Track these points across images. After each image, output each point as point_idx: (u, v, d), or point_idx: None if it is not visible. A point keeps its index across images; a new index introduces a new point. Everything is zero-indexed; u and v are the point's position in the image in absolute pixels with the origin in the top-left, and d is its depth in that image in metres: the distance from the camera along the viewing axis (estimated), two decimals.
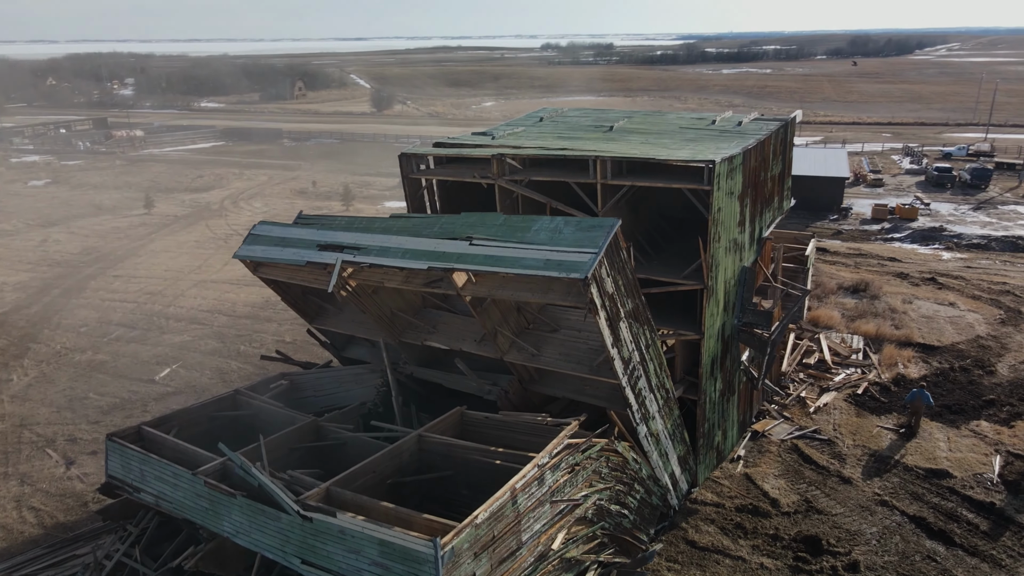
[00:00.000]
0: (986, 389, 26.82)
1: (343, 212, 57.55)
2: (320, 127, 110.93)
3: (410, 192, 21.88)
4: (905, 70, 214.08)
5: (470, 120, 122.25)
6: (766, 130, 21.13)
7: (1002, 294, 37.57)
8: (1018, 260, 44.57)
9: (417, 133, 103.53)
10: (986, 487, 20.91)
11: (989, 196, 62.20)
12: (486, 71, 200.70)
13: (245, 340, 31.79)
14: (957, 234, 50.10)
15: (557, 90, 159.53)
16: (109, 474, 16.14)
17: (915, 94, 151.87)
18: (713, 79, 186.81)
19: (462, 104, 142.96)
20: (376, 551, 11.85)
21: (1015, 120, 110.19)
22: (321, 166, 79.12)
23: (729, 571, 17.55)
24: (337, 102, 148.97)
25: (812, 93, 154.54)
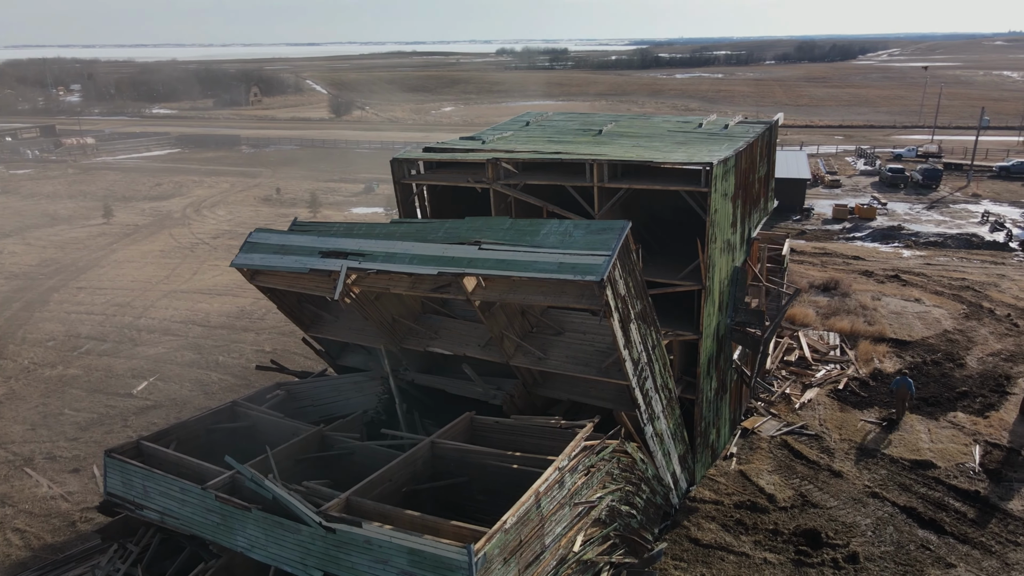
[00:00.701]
0: (958, 381, 27.76)
1: (311, 219, 56.78)
2: (279, 133, 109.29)
3: (402, 197, 21.70)
4: (851, 75, 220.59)
5: (430, 125, 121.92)
6: (753, 133, 21.56)
7: (963, 289, 38.96)
8: (973, 256, 46.27)
9: (379, 138, 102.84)
10: (969, 476, 21.63)
11: (941, 195, 64.47)
12: (443, 76, 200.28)
13: (223, 351, 31.10)
14: (915, 232, 51.79)
15: (516, 95, 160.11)
16: (108, 491, 15.61)
17: (862, 98, 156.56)
18: (668, 83, 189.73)
19: (421, 109, 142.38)
20: (405, 560, 11.70)
21: (957, 122, 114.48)
22: (283, 173, 77.95)
23: (734, 567, 17.80)
24: (294, 108, 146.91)
25: (765, 97, 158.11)
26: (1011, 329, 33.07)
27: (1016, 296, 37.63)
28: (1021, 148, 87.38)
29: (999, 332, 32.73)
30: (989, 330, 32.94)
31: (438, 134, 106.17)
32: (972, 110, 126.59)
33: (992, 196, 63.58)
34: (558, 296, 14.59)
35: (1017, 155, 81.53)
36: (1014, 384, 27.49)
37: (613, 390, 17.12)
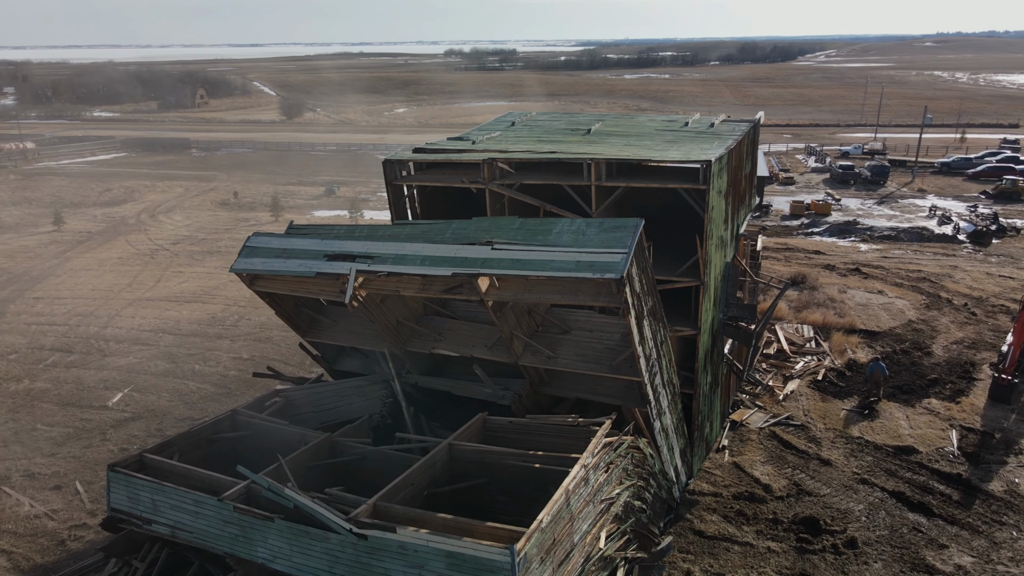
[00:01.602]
0: (927, 369, 28.84)
1: (272, 223, 55.72)
2: (229, 136, 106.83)
3: (394, 199, 21.50)
4: (792, 75, 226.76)
5: (385, 127, 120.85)
6: (739, 131, 22.03)
7: (920, 281, 40.49)
8: (926, 249, 48.13)
9: (333, 141, 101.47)
10: (949, 460, 22.49)
11: (889, 191, 66.83)
12: (393, 77, 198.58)
13: (198, 359, 30.27)
14: (869, 227, 53.57)
15: (468, 96, 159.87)
16: (112, 507, 15.06)
17: (806, 97, 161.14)
18: (619, 84, 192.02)
19: (374, 111, 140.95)
20: (443, 564, 11.61)
21: (897, 120, 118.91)
22: (238, 176, 76.25)
23: (740, 557, 18.16)
24: (243, 110, 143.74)
25: (713, 97, 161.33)
26: (970, 318, 34.50)
27: (970, 286, 39.26)
28: (959, 145, 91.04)
29: (959, 321, 34.11)
30: (950, 319, 34.30)
31: (394, 136, 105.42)
32: (909, 108, 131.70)
33: (936, 191, 66.19)
34: (574, 295, 14.66)
35: (955, 151, 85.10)
36: (979, 370, 28.69)
37: (620, 386, 17.28)
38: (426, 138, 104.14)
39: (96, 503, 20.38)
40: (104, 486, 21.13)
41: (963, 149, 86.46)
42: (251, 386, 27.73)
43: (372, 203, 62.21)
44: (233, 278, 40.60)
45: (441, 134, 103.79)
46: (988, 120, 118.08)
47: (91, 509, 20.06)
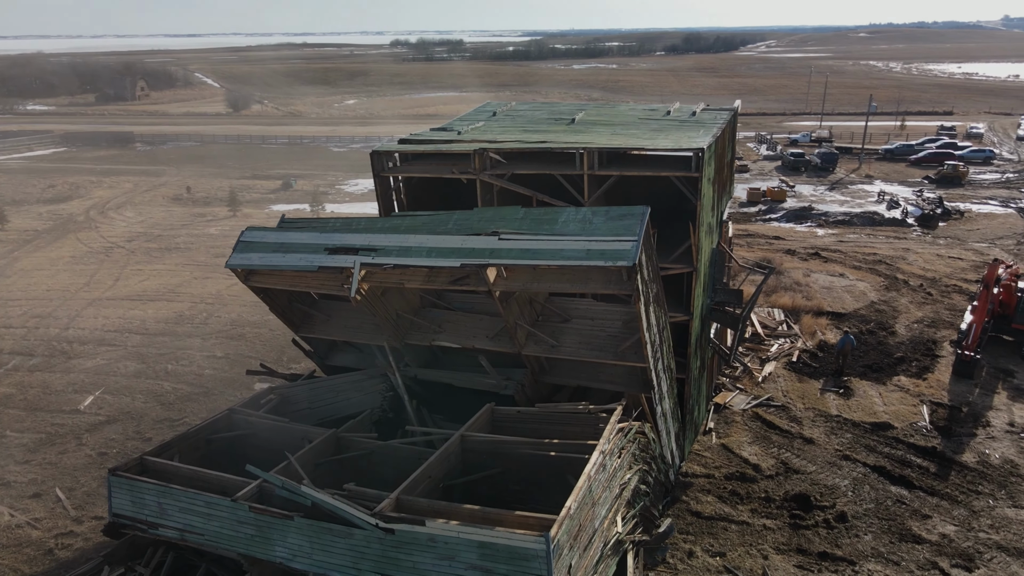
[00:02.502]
0: (893, 348, 29.95)
1: (230, 218, 54.45)
2: (175, 129, 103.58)
3: (381, 191, 21.24)
4: (736, 65, 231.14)
5: (336, 119, 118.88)
6: (721, 119, 22.42)
7: (876, 263, 41.93)
8: (878, 233, 49.83)
9: (285, 133, 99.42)
10: (923, 434, 23.44)
11: (838, 177, 68.87)
12: (340, 68, 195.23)
13: (170, 359, 29.43)
14: (824, 212, 55.14)
15: (419, 87, 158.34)
16: (115, 513, 14.59)
17: (750, 87, 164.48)
18: (568, 74, 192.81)
19: (324, 103, 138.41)
20: (475, 554, 11.61)
21: (839, 109, 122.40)
22: (189, 171, 74.08)
23: (738, 535, 18.62)
24: (186, 102, 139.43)
25: (660, 87, 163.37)
26: (927, 298, 35.92)
27: (923, 268, 40.85)
28: (899, 132, 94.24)
29: (917, 301, 35.48)
30: (908, 299, 35.65)
31: (346, 128, 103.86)
32: (850, 97, 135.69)
33: (883, 176, 68.48)
34: (584, 283, 14.76)
35: (896, 138, 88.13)
36: (940, 347, 29.93)
37: (622, 373, 17.50)
38: (379, 130, 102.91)
39: (81, 509, 19.71)
40: (88, 492, 20.52)
41: (903, 136, 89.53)
42: (229, 385, 27.12)
43: (332, 196, 61.26)
44: (197, 275, 39.66)
45: (395, 126, 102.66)
46: (924, 108, 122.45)
47: (76, 516, 19.40)
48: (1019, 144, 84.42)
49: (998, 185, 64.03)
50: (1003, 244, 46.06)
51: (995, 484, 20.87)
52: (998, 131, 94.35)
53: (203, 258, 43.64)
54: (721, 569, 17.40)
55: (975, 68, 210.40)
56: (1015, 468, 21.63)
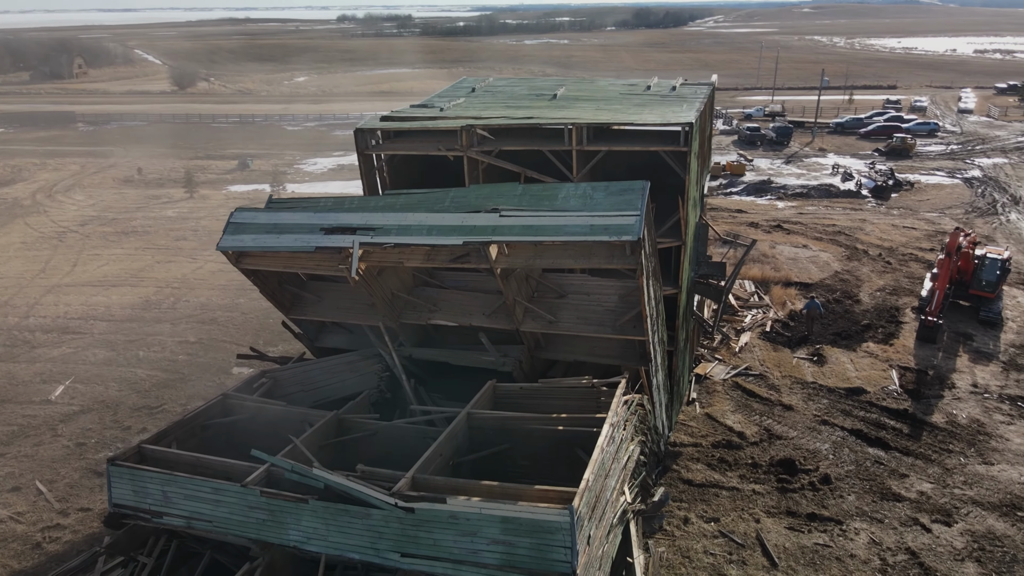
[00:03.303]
0: (860, 315, 30.96)
1: (187, 199, 52.94)
2: (118, 108, 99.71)
3: (366, 169, 20.93)
4: (687, 40, 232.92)
5: (288, 97, 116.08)
6: (701, 93, 22.65)
7: (836, 234, 43.14)
8: (835, 204, 51.17)
9: (235, 112, 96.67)
10: (894, 397, 24.38)
11: (793, 151, 70.31)
12: (288, 45, 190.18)
13: (141, 345, 28.65)
14: (782, 185, 56.31)
15: (371, 63, 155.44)
16: (115, 503, 14.22)
17: (702, 62, 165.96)
18: (521, 50, 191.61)
19: (273, 80, 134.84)
20: (497, 529, 11.70)
21: (789, 83, 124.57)
22: (138, 151, 71.56)
23: (729, 501, 19.17)
24: (128, 80, 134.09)
25: (613, 62, 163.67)
26: (886, 267, 37.15)
27: (880, 238, 42.18)
28: (847, 106, 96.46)
29: (878, 270, 36.67)
30: (869, 268, 36.82)
31: (299, 106, 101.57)
32: (798, 72, 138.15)
33: (835, 149, 70.16)
34: (587, 258, 14.83)
35: (845, 112, 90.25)
36: (903, 314, 31.05)
37: (618, 347, 17.71)
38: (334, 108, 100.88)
39: (65, 502, 19.19)
40: (70, 483, 20.01)
41: (852, 110, 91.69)
42: (206, 370, 26.58)
43: (291, 176, 60.00)
44: (160, 259, 38.58)
45: (350, 104, 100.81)
46: (869, 82, 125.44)
47: (61, 508, 18.88)
48: (960, 117, 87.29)
49: (944, 156, 66.20)
50: (952, 214, 47.78)
51: (964, 443, 21.87)
52: (940, 104, 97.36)
53: (163, 241, 42.40)
54: (716, 534, 17.92)
55: (914, 43, 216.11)
56: (982, 427, 22.68)
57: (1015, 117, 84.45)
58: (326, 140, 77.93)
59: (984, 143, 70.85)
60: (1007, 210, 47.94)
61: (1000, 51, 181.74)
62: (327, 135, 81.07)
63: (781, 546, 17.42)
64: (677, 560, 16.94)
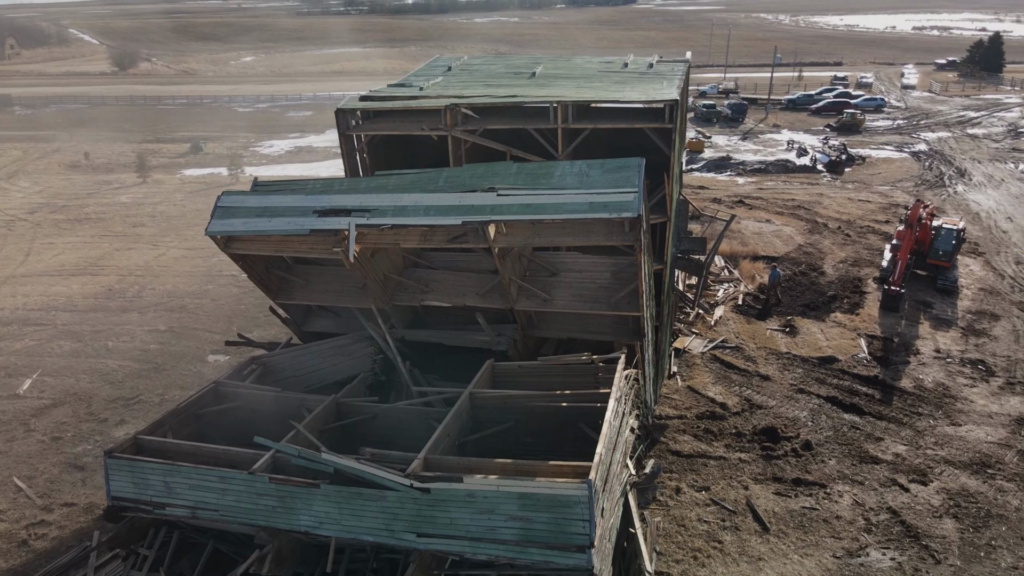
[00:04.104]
0: (825, 287, 31.90)
1: (140, 184, 51.30)
2: (57, 91, 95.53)
3: (347, 150, 20.59)
4: (636, 18, 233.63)
5: (236, 77, 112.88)
6: (679, 70, 22.86)
7: (796, 208, 44.20)
8: (792, 179, 52.35)
9: (182, 93, 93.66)
10: (864, 364, 25.27)
11: (749, 128, 71.53)
12: (232, 23, 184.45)
13: (109, 335, 27.82)
14: (741, 161, 57.30)
15: (319, 42, 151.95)
16: (114, 496, 13.89)
17: (654, 40, 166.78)
18: (472, 28, 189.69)
19: (219, 60, 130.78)
20: (515, 506, 11.82)
21: (740, 60, 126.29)
22: (83, 135, 68.88)
23: (718, 470, 19.69)
24: (64, 61, 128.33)
25: (567, 39, 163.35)
26: (846, 239, 38.27)
27: (837, 211, 43.38)
28: (797, 83, 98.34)
29: (839, 242, 37.76)
30: (830, 241, 37.89)
31: (248, 87, 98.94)
32: (748, 49, 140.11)
33: (788, 125, 71.62)
34: (586, 236, 14.93)
35: (795, 89, 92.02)
36: (866, 284, 32.10)
37: (610, 323, 17.92)
38: (285, 89, 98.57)
39: (47, 497, 18.66)
40: (50, 479, 19.52)
41: (802, 87, 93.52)
42: (180, 359, 26.00)
43: (248, 159, 58.55)
44: (118, 246, 37.44)
45: (302, 84, 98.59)
46: (816, 59, 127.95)
47: (44, 504, 18.36)
48: (904, 92, 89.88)
49: (891, 131, 68.18)
50: (903, 187, 49.36)
51: (932, 405, 22.84)
52: (884, 80, 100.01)
53: (120, 228, 41.07)
54: (708, 502, 18.41)
55: (856, 20, 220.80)
56: (947, 390, 23.71)
57: (955, 92, 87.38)
58: (280, 122, 76.21)
59: (928, 118, 73.16)
60: (954, 182, 49.75)
61: (937, 28, 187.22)
62: (281, 116, 79.27)
63: (771, 511, 18.00)
64: (673, 529, 17.38)
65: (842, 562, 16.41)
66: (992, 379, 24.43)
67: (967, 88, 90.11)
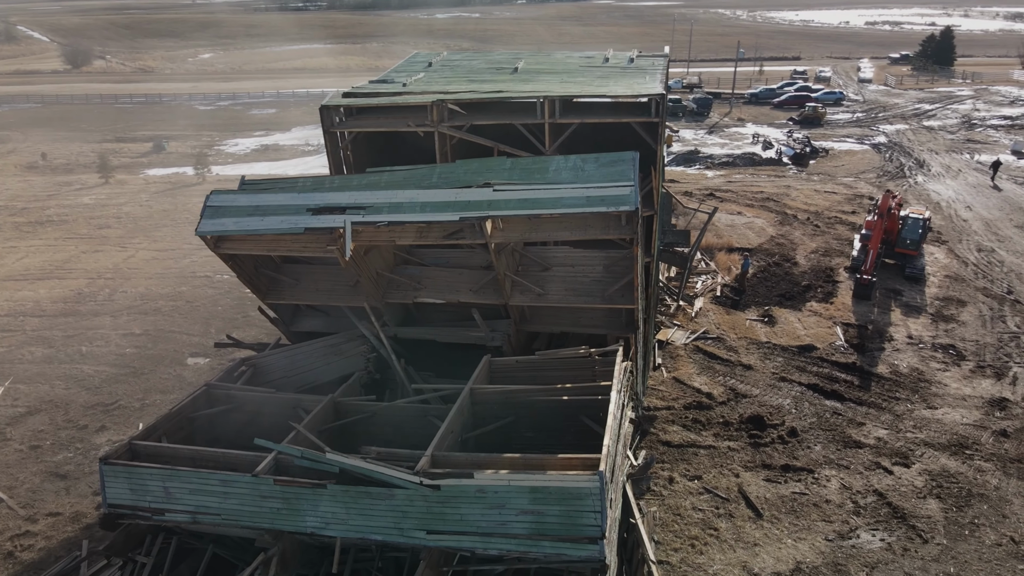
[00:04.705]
0: (799, 277, 32.53)
1: (103, 184, 50.01)
2: (7, 90, 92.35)
3: (331, 147, 20.37)
4: (596, 14, 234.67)
5: (193, 74, 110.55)
6: (659, 65, 23.08)
7: (766, 200, 44.94)
8: (760, 172, 53.20)
9: (139, 92, 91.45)
10: (842, 352, 25.85)
11: (714, 121, 72.46)
12: (188, 19, 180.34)
13: (82, 340, 27.10)
14: (709, 155, 58.05)
15: (279, 39, 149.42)
16: (110, 503, 13.58)
17: (616, 35, 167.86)
18: (434, 24, 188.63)
19: (176, 57, 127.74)
20: (526, 499, 11.86)
21: (701, 56, 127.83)
22: (39, 135, 66.81)
23: (708, 458, 19.98)
24: (13, 59, 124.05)
25: (529, 36, 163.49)
26: (816, 230, 39.06)
27: (805, 203, 44.24)
28: (759, 77, 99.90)
29: (808, 233, 38.52)
30: (801, 232, 38.63)
31: (208, 85, 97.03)
32: (708, 44, 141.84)
33: (752, 119, 72.74)
34: (583, 230, 15.03)
35: (758, 83, 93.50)
36: (838, 274, 32.82)
37: (602, 316, 18.06)
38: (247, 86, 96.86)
39: (30, 507, 18.14)
40: (31, 488, 19.08)
41: (763, 81, 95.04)
42: (159, 362, 25.46)
43: (213, 158, 57.40)
44: (85, 249, 36.50)
45: (263, 82, 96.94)
46: (775, 54, 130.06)
47: (28, 515, 17.85)
48: (862, 86, 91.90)
49: (851, 124, 69.67)
50: (866, 178, 50.51)
51: (909, 390, 23.48)
52: (842, 74, 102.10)
53: (85, 230, 40.00)
54: (701, 491, 18.69)
55: (811, 15, 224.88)
56: (921, 375, 24.39)
57: (910, 85, 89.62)
58: (244, 119, 74.90)
59: (886, 110, 74.93)
60: (914, 173, 51.06)
61: (889, 22, 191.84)
62: (244, 114, 77.90)
63: (762, 497, 18.35)
64: (669, 518, 17.60)
65: (835, 544, 16.81)
66: (963, 363, 25.18)
67: (921, 81, 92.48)
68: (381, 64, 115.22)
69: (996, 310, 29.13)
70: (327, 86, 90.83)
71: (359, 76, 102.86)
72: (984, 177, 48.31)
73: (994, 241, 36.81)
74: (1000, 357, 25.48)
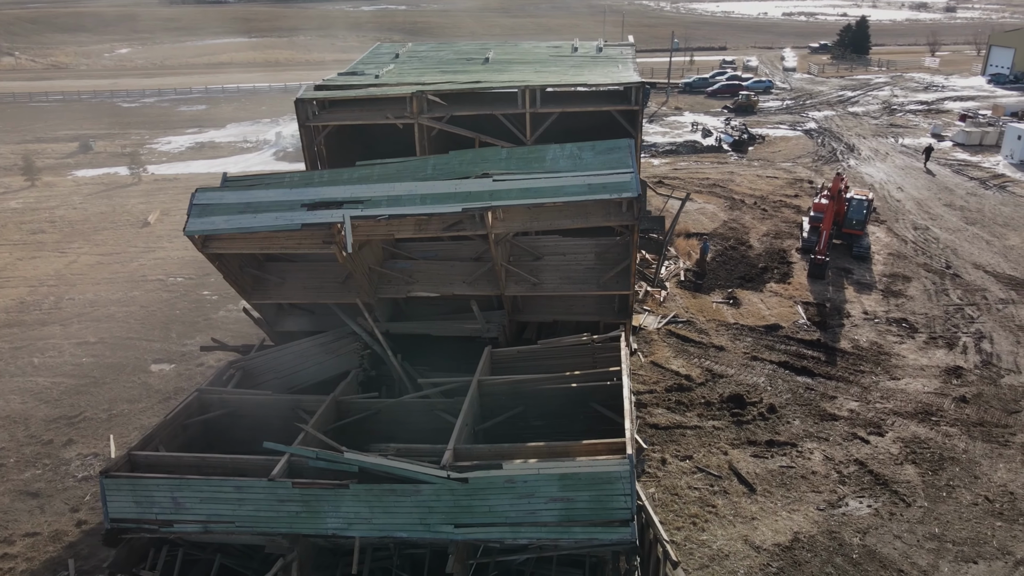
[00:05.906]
0: (755, 259, 33.52)
1: (29, 187, 47.30)
2: None
3: (307, 142, 19.84)
4: (526, 5, 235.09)
5: (112, 71, 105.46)
6: (628, 54, 23.36)
7: (712, 187, 46.07)
8: (703, 159, 54.49)
9: (55, 89, 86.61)
10: (805, 330, 26.80)
11: (653, 111, 73.62)
12: (100, 13, 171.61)
13: (32, 351, 25.63)
14: (652, 144, 59.00)
15: (200, 32, 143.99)
16: (113, 518, 12.93)
17: (546, 27, 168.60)
18: (361, 16, 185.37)
19: (90, 53, 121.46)
20: (555, 487, 11.90)
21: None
22: None
23: (696, 438, 20.44)
24: None
25: (460, 27, 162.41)
26: (764, 213, 40.29)
27: (750, 188, 45.57)
28: (690, 67, 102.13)
29: (758, 217, 39.71)
30: (751, 216, 39.78)
31: (128, 81, 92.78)
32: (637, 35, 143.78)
33: (689, 108, 74.38)
34: (584, 218, 15.11)
35: (689, 73, 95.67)
36: (791, 255, 33.97)
37: (593, 303, 18.23)
38: (172, 82, 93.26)
39: (4, 529, 17.11)
40: (2, 509, 17.87)
41: (695, 70, 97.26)
42: (120, 370, 24.32)
43: (146, 156, 54.95)
44: (21, 255, 34.56)
45: (190, 77, 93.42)
46: (702, 44, 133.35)
47: (3, 537, 16.80)
48: (787, 75, 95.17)
49: (782, 111, 72.05)
50: (803, 163, 52.36)
51: (871, 363, 24.55)
52: (768, 64, 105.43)
53: (17, 236, 37.74)
54: (693, 470, 19.12)
55: (731, 7, 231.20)
56: (881, 348, 25.54)
57: (831, 74, 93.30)
58: (173, 117, 72.00)
59: (812, 98, 77.77)
60: (846, 157, 53.22)
61: (804, 13, 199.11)
62: (172, 111, 74.87)
63: (753, 472, 18.91)
64: (667, 498, 17.95)
65: (826, 513, 17.48)
66: (916, 335, 26.48)
67: (841, 69, 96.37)
68: (312, 58, 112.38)
69: (939, 284, 30.71)
70: (258, 81, 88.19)
71: (291, 71, 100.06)
72: (911, 159, 50.79)
73: (927, 220, 38.76)
74: (949, 328, 26.90)
